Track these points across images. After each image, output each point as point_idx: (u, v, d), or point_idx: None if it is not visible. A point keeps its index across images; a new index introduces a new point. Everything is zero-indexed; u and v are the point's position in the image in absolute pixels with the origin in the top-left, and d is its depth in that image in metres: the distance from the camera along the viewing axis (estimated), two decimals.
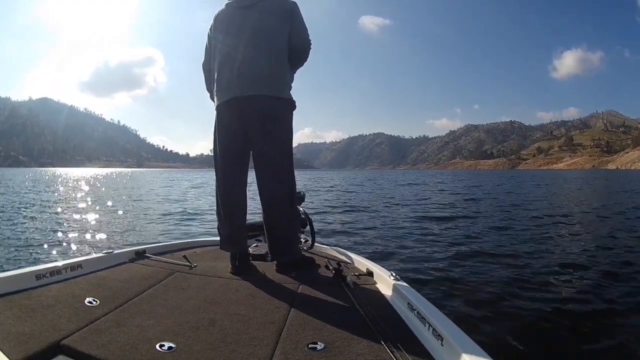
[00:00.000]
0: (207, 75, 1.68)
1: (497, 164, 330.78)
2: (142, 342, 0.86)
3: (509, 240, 4.65)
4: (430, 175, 45.81)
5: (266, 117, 1.48)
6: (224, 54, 1.54)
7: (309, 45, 1.61)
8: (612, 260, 3.57)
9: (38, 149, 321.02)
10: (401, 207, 8.84)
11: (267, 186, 1.54)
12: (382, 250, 4.06)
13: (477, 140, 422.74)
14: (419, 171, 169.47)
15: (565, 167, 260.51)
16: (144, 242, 4.18)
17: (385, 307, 1.12)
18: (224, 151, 1.55)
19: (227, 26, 1.56)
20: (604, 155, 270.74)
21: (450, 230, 5.49)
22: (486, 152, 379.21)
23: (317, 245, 1.93)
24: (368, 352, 0.84)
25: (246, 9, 1.54)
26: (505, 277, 2.96)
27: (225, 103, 1.51)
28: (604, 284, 2.80)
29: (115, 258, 1.55)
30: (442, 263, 3.43)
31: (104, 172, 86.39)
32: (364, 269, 1.49)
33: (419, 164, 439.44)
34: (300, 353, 0.84)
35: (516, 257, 3.70)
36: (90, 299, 1.11)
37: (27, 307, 1.03)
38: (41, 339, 0.85)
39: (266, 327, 0.97)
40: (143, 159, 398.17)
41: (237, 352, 0.84)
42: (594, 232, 5.40)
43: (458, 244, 4.37)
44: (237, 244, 1.55)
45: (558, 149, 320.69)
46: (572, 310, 2.30)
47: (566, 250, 4.10)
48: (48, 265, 1.29)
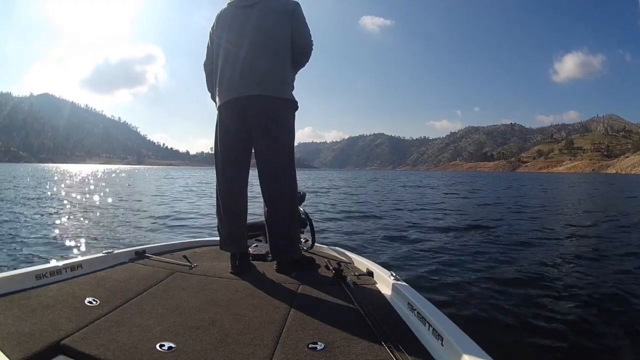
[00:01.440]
0: (209, 75, 1.67)
1: (497, 167, 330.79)
2: (142, 342, 0.86)
3: (509, 240, 4.66)
4: (434, 178, 45.52)
5: (268, 117, 1.48)
6: (225, 54, 1.54)
7: (311, 45, 1.60)
8: (617, 263, 3.57)
9: (38, 145, 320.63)
10: (404, 208, 8.85)
11: (269, 186, 1.54)
12: (382, 250, 4.06)
13: (478, 142, 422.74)
14: (420, 172, 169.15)
15: (565, 170, 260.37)
16: (144, 242, 4.18)
17: (385, 307, 1.12)
18: (225, 151, 1.55)
19: (229, 26, 1.56)
20: (604, 159, 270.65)
21: (451, 230, 5.50)
22: (486, 155, 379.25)
23: (317, 245, 1.94)
24: (368, 352, 0.84)
25: (248, 8, 1.53)
26: (506, 278, 2.97)
27: (227, 103, 1.51)
28: (605, 285, 2.81)
29: (115, 258, 1.55)
30: (443, 263, 3.44)
31: (101, 168, 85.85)
32: (364, 269, 1.49)
33: (419, 165, 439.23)
34: (300, 353, 0.84)
35: (517, 257, 3.71)
36: (90, 299, 1.11)
37: (27, 307, 1.03)
38: (41, 339, 0.85)
39: (266, 327, 0.97)
40: (143, 156, 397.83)
41: (237, 352, 0.84)
42: (599, 235, 5.40)
43: (458, 244, 4.38)
44: (237, 244, 1.55)
45: (558, 152, 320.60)
46: (572, 311, 2.31)
47: (567, 250, 4.11)
48: (48, 265, 1.29)
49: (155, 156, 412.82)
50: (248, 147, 1.56)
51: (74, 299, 1.11)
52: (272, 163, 1.53)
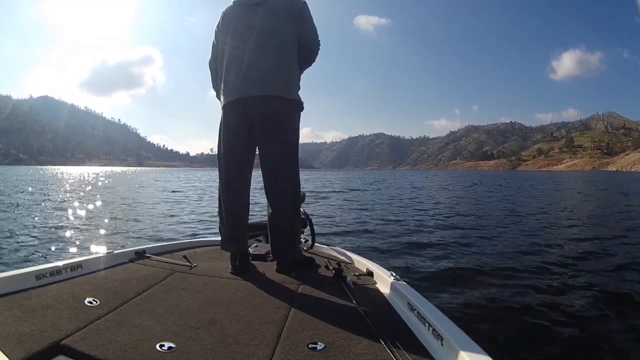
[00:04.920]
0: (214, 73, 1.66)
1: (497, 165, 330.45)
2: (142, 342, 0.86)
3: (509, 240, 4.66)
4: (441, 177, 44.98)
5: (272, 117, 1.47)
6: (230, 53, 1.53)
7: (318, 45, 1.59)
8: (619, 261, 3.56)
9: (38, 147, 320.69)
10: (404, 210, 8.84)
11: (272, 186, 1.54)
12: (383, 250, 4.06)
13: (478, 141, 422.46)
14: (421, 171, 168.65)
15: (566, 168, 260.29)
16: (144, 242, 4.18)
17: (385, 307, 1.12)
18: (228, 151, 1.55)
19: (234, 25, 1.55)
20: (605, 157, 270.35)
21: (451, 230, 5.50)
22: (486, 153, 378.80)
23: (317, 245, 1.94)
24: (368, 352, 0.84)
25: (254, 7, 1.52)
26: (506, 278, 2.97)
27: (231, 103, 1.50)
28: (606, 286, 2.80)
29: (115, 258, 1.55)
30: (443, 263, 3.43)
31: (101, 170, 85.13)
32: (364, 269, 1.49)
33: (419, 164, 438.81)
34: (300, 353, 0.84)
35: (517, 258, 3.70)
36: (90, 299, 1.11)
37: (27, 307, 1.03)
38: (41, 339, 0.85)
39: (266, 327, 0.97)
40: (143, 157, 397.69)
41: (237, 352, 0.84)
42: (600, 233, 5.38)
43: (459, 244, 4.37)
44: (238, 244, 1.55)
45: (558, 150, 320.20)
46: (572, 311, 2.30)
47: (568, 250, 4.10)
48: (48, 265, 1.30)
49: (155, 158, 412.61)
50: (252, 147, 1.55)
51: (74, 299, 1.11)
52: (276, 163, 1.53)
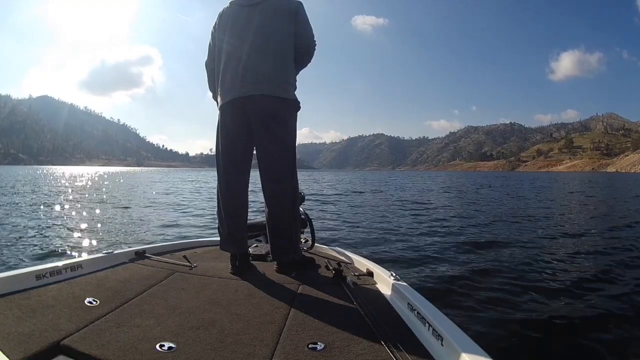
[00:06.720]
0: (210, 74, 1.67)
1: (497, 166, 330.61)
2: (142, 342, 0.86)
3: (510, 241, 4.65)
4: (443, 178, 44.75)
5: (269, 117, 1.48)
6: (227, 53, 1.53)
7: (314, 45, 1.60)
8: (620, 265, 3.55)
9: (37, 147, 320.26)
10: (405, 209, 8.84)
11: (270, 186, 1.54)
12: (383, 250, 4.06)
13: (477, 142, 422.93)
14: (420, 172, 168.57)
15: (565, 169, 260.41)
16: (144, 242, 4.17)
17: (385, 307, 1.12)
18: (226, 151, 1.55)
19: (231, 25, 1.55)
20: (604, 158, 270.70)
21: (451, 230, 5.50)
22: (486, 154, 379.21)
23: (317, 245, 1.94)
24: (368, 352, 0.84)
25: (251, 7, 1.53)
26: (506, 278, 2.96)
27: (228, 103, 1.51)
28: (606, 286, 2.80)
29: (115, 258, 1.55)
30: (443, 263, 3.43)
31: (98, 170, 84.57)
32: (364, 269, 1.49)
33: (419, 165, 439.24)
34: (300, 353, 0.84)
35: (517, 258, 3.70)
36: (90, 299, 1.11)
37: (27, 307, 1.03)
38: (41, 339, 0.85)
39: (266, 327, 0.97)
40: (142, 157, 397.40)
41: (237, 352, 0.84)
42: (599, 235, 5.38)
43: (459, 244, 4.37)
44: (237, 244, 1.55)
45: (558, 151, 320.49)
46: (573, 311, 2.31)
47: (568, 251, 4.10)
48: (48, 265, 1.29)
49: (154, 158, 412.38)
50: (249, 148, 1.56)
51: (74, 299, 1.11)
52: (274, 163, 1.53)
